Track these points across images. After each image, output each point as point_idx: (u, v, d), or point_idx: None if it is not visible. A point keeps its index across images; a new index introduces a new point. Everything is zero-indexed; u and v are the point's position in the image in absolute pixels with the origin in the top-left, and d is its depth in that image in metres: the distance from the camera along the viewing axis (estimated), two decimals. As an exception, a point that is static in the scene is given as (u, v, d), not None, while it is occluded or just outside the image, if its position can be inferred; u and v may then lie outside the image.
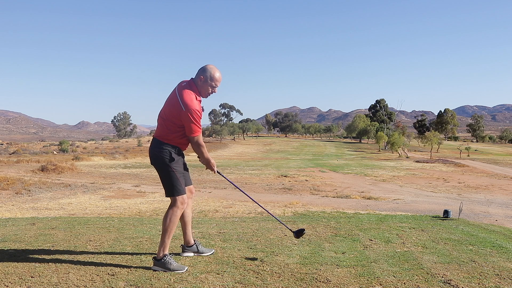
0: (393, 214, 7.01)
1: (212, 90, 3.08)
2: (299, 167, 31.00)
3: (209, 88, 3.06)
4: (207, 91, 3.08)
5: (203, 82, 3.05)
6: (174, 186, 3.10)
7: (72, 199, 13.57)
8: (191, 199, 3.38)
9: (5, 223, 5.26)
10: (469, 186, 19.16)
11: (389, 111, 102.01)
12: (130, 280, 2.81)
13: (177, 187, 3.09)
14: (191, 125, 2.98)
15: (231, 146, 74.35)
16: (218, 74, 3.06)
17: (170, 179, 3.10)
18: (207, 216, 8.78)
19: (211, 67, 3.07)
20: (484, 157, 47.97)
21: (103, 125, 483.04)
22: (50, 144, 72.50)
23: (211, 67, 3.07)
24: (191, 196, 3.36)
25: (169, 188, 3.11)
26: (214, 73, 3.05)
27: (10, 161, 31.97)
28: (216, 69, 3.08)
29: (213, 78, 3.04)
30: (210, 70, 3.05)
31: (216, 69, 3.08)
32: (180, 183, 3.11)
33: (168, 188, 3.12)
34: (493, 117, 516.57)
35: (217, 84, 3.06)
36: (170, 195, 3.11)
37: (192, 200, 3.41)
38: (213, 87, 3.06)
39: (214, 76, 3.04)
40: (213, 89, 3.07)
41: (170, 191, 3.11)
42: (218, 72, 3.08)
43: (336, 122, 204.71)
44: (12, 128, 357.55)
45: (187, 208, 3.36)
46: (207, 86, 3.05)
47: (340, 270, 3.03)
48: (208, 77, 3.04)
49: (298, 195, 15.02)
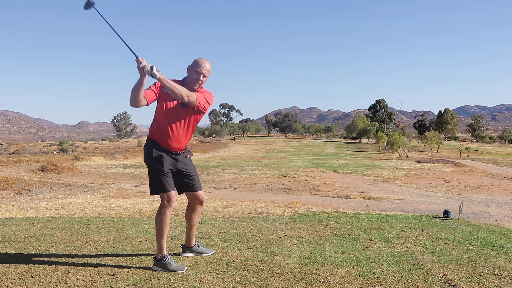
0: (393, 214, 7.01)
1: (197, 77, 3.04)
2: (299, 167, 31.00)
3: (194, 75, 3.04)
4: (192, 78, 3.05)
5: (189, 71, 3.08)
6: (154, 183, 3.08)
7: (72, 199, 13.57)
8: (199, 206, 3.32)
9: (5, 223, 5.26)
10: (469, 186, 19.16)
11: (389, 111, 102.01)
12: (130, 280, 2.80)
13: (157, 185, 3.06)
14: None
15: (231, 146, 74.34)
16: (205, 64, 3.06)
17: (150, 176, 3.10)
18: (207, 216, 8.78)
19: (200, 58, 3.10)
20: (484, 157, 47.97)
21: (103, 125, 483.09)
22: (50, 144, 72.48)
23: (200, 58, 3.10)
24: (199, 203, 3.31)
25: (150, 185, 3.11)
26: (201, 61, 3.06)
27: (10, 161, 31.97)
28: (205, 60, 3.09)
29: (198, 64, 3.05)
30: (197, 60, 3.09)
31: (205, 60, 3.09)
32: (162, 181, 3.04)
33: (150, 186, 3.12)
34: (493, 117, 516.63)
35: (201, 70, 3.03)
36: (152, 193, 3.11)
37: (201, 207, 3.35)
38: (198, 73, 3.03)
39: (199, 63, 3.05)
40: (198, 76, 3.04)
41: (152, 189, 3.10)
42: (207, 63, 3.07)
43: (336, 122, 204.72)
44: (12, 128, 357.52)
45: (194, 214, 3.34)
46: (192, 73, 3.06)
47: (340, 270, 3.03)
48: (193, 65, 3.07)
49: (298, 195, 15.02)
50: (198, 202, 3.30)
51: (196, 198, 3.28)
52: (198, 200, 3.29)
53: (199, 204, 3.31)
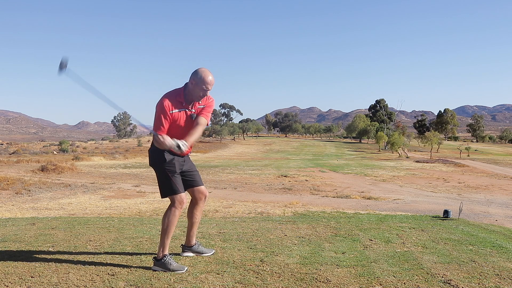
0: (393, 214, 7.01)
1: (204, 93, 3.03)
2: (299, 167, 31.00)
3: (200, 92, 3.02)
4: (198, 94, 3.03)
5: (194, 85, 3.02)
6: (165, 186, 3.10)
7: (72, 199, 13.57)
8: (202, 201, 3.34)
9: (5, 223, 5.26)
10: (469, 186, 19.16)
11: (389, 111, 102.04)
12: (130, 280, 2.80)
13: (169, 187, 3.09)
14: (155, 119, 3.04)
15: (231, 146, 74.35)
16: (210, 78, 3.01)
17: (161, 179, 3.12)
18: (207, 216, 8.78)
19: (203, 71, 3.03)
20: (484, 157, 47.97)
21: (103, 125, 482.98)
22: (50, 144, 72.48)
23: (203, 70, 3.03)
24: (202, 198, 3.32)
25: (161, 188, 3.12)
26: (206, 76, 3.00)
27: (10, 161, 31.97)
28: (208, 72, 3.03)
29: (204, 81, 3.00)
30: (201, 74, 3.01)
31: (208, 72, 3.03)
32: (174, 183, 3.08)
33: (161, 189, 3.13)
34: (493, 117, 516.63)
35: (208, 87, 3.01)
36: (163, 195, 3.12)
37: (204, 202, 3.35)
38: (204, 90, 3.02)
39: (205, 80, 3.00)
40: (204, 92, 3.03)
41: (163, 192, 3.12)
42: (210, 76, 3.02)
43: (336, 122, 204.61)
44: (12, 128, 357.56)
45: (197, 211, 3.34)
46: (198, 89, 3.02)
47: (340, 270, 3.03)
48: (198, 81, 3.00)
49: (298, 195, 15.02)
50: (202, 196, 3.32)
51: (200, 192, 3.31)
52: (201, 195, 3.32)
53: (202, 200, 3.33)
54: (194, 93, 3.04)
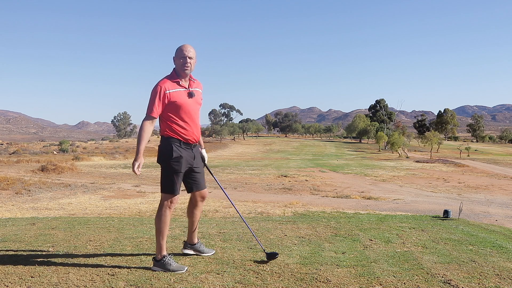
0: (393, 214, 7.02)
1: (184, 61, 3.10)
2: (299, 167, 31.01)
3: (180, 61, 3.10)
4: (180, 65, 3.11)
5: (176, 60, 3.13)
6: (167, 183, 3.11)
7: (72, 199, 13.57)
8: (202, 202, 3.38)
9: (5, 223, 5.27)
10: (469, 186, 19.17)
11: (389, 111, 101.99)
12: (130, 280, 2.81)
13: (170, 186, 3.09)
14: (148, 103, 3.07)
15: (231, 146, 74.36)
16: (185, 46, 3.12)
17: (165, 175, 3.13)
18: (207, 216, 8.78)
19: (180, 45, 3.16)
20: (484, 157, 47.98)
21: (103, 125, 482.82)
22: (50, 144, 72.47)
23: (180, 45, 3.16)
24: (203, 200, 3.38)
25: (162, 184, 3.14)
26: (181, 46, 3.13)
27: (10, 161, 31.97)
28: (184, 44, 3.16)
29: (180, 50, 3.11)
30: (178, 48, 3.15)
31: (184, 44, 3.15)
32: (175, 183, 3.09)
33: (162, 184, 3.15)
34: (493, 117, 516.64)
35: (183, 53, 3.09)
36: (162, 191, 3.14)
37: (203, 203, 3.40)
38: (183, 57, 3.09)
39: (181, 49, 3.11)
40: (184, 60, 3.10)
41: (163, 188, 3.13)
42: (186, 45, 3.13)
43: (336, 122, 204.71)
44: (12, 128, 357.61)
45: (196, 210, 3.37)
46: (178, 61, 3.11)
47: (340, 270, 3.03)
48: (177, 54, 3.12)
49: (298, 195, 15.02)
50: (201, 198, 3.37)
51: (201, 196, 3.35)
52: (201, 197, 3.36)
53: (201, 201, 3.38)
54: (177, 66, 3.13)
